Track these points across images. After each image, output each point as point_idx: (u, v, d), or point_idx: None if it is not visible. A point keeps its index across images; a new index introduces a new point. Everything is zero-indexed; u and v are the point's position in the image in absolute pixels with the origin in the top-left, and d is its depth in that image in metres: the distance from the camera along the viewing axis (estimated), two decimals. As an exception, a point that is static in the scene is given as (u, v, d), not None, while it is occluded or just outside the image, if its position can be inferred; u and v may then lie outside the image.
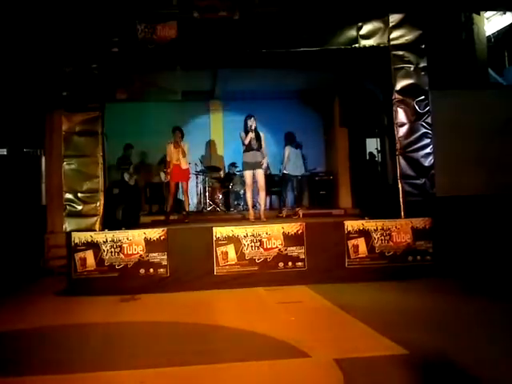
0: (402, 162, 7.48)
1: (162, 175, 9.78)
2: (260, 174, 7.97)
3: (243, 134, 7.92)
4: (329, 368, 3.63)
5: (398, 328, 4.60)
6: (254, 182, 8.15)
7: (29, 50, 8.75)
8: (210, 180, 10.83)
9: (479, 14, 11.15)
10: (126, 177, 9.59)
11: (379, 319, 4.88)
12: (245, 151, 8.00)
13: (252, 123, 7.84)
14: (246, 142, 7.87)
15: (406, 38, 7.63)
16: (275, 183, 10.50)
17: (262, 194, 8.13)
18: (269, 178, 9.92)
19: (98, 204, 7.11)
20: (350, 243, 7.01)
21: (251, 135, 7.84)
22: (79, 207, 7.07)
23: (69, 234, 6.82)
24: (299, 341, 4.29)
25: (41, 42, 8.39)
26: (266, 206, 8.84)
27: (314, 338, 4.42)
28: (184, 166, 8.65)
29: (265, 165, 8.08)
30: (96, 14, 7.40)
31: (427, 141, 7.51)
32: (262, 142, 7.94)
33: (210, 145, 11.74)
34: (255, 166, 7.93)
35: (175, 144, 8.53)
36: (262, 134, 7.99)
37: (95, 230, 6.94)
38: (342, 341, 4.39)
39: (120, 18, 7.44)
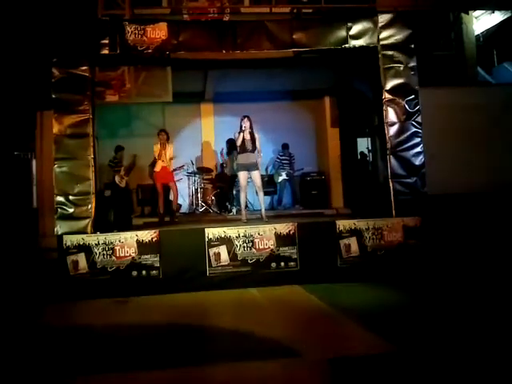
0: (393, 161, 7.50)
1: (117, 178, 9.64)
2: (256, 175, 7.95)
3: (237, 135, 7.89)
4: (320, 367, 3.65)
5: (391, 326, 4.63)
6: (249, 183, 8.16)
7: (18, 53, 8.72)
8: (201, 181, 10.82)
9: (468, 14, 11.23)
10: (117, 179, 9.56)
11: (371, 318, 4.91)
12: (239, 152, 7.95)
13: (245, 124, 7.81)
14: (238, 142, 7.85)
15: (396, 37, 7.65)
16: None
17: (261, 194, 8.12)
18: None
19: (90, 206, 7.08)
20: (342, 243, 7.02)
21: (244, 136, 7.82)
22: (71, 210, 7.04)
23: (60, 237, 6.79)
24: (291, 340, 4.31)
25: (30, 46, 8.37)
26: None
27: (305, 337, 4.44)
28: (169, 167, 8.69)
29: (259, 165, 8.08)
30: (86, 15, 7.40)
31: (417, 140, 7.54)
32: (257, 143, 7.92)
33: (201, 146, 11.73)
34: (250, 167, 7.89)
35: (161, 144, 8.56)
36: (257, 135, 7.97)
37: (87, 233, 6.92)
38: (334, 340, 4.41)
39: (110, 20, 7.44)
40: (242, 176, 7.93)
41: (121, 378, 3.71)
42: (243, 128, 7.79)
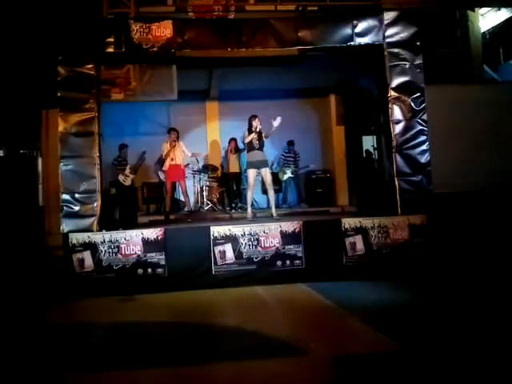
0: (399, 159, 7.50)
1: (161, 175, 9.83)
2: (266, 172, 8.00)
3: (246, 133, 7.93)
4: (326, 366, 3.65)
5: (396, 325, 4.62)
6: (256, 181, 8.18)
7: (24, 52, 8.74)
8: (207, 179, 10.83)
9: (474, 11, 11.18)
10: (121, 178, 9.57)
11: (377, 317, 4.90)
12: (248, 151, 8.04)
13: (257, 124, 7.84)
14: (247, 141, 7.90)
15: (401, 35, 7.63)
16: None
17: (271, 192, 8.18)
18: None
19: (95, 204, 7.10)
20: (348, 241, 7.02)
21: (253, 136, 7.86)
22: (76, 208, 7.06)
23: (66, 235, 6.82)
24: (297, 339, 4.31)
25: (36, 44, 8.38)
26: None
27: (311, 336, 4.44)
28: (180, 165, 8.67)
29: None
30: (91, 14, 7.41)
31: (423, 138, 7.53)
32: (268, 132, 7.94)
33: (206, 144, 11.72)
34: (260, 165, 7.94)
35: (171, 143, 8.56)
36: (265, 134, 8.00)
37: (93, 231, 6.94)
38: (340, 338, 4.41)
39: (115, 18, 7.44)
40: (251, 174, 7.96)
41: (125, 377, 3.72)
42: (255, 128, 7.80)
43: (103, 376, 3.74)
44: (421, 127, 7.54)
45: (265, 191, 10.39)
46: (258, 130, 7.82)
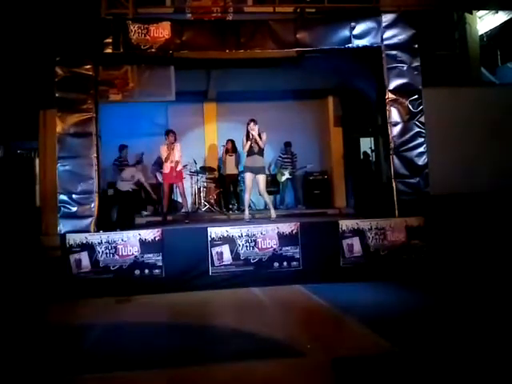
0: (396, 161, 7.51)
1: (159, 176, 9.85)
2: (261, 179, 7.98)
3: (244, 141, 7.92)
4: (324, 367, 3.65)
5: (393, 327, 4.63)
6: (253, 183, 8.19)
7: (22, 52, 8.73)
8: (204, 180, 10.83)
9: (472, 14, 11.20)
10: (120, 184, 9.51)
11: (374, 318, 4.90)
12: (246, 155, 8.05)
13: (253, 128, 7.81)
14: (245, 149, 7.90)
15: (399, 37, 7.65)
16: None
17: (265, 196, 8.21)
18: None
19: (93, 205, 7.10)
20: (345, 242, 7.02)
21: (250, 142, 7.85)
22: (74, 208, 7.05)
23: (63, 236, 6.81)
24: (294, 340, 4.31)
25: (33, 45, 8.37)
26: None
27: (309, 337, 4.44)
28: (177, 167, 8.67)
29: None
30: (89, 14, 7.40)
31: (421, 140, 7.55)
32: (261, 143, 7.89)
33: (204, 145, 11.72)
34: (256, 170, 7.93)
35: (168, 146, 8.56)
36: (264, 137, 7.96)
37: (90, 232, 6.94)
38: (337, 340, 4.41)
39: (113, 19, 7.44)
40: (248, 177, 7.96)
41: (122, 378, 3.72)
42: (251, 133, 7.78)
43: (99, 377, 3.73)
44: (418, 129, 7.55)
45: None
46: (254, 135, 7.80)
